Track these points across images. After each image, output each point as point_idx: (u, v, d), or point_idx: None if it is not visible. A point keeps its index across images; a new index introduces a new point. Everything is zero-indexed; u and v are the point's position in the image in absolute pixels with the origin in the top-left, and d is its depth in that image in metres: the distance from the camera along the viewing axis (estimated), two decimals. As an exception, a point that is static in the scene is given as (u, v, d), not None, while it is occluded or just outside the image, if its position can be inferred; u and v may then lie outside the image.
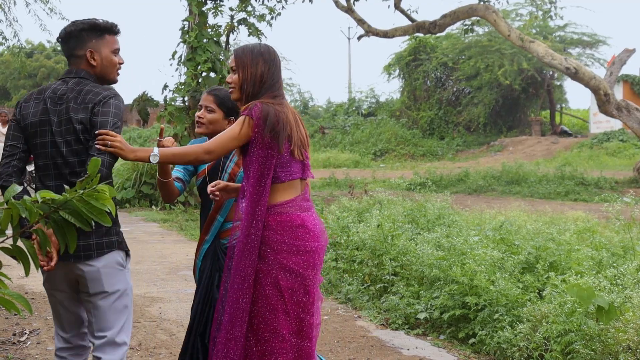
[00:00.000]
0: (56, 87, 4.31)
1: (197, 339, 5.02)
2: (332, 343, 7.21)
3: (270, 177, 4.27)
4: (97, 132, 4.00)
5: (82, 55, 4.33)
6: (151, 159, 4.06)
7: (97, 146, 3.94)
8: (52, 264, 3.88)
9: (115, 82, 4.53)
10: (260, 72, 4.38)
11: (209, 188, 4.60)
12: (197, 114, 5.17)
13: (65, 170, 4.18)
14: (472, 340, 6.96)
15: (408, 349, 7.01)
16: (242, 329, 4.23)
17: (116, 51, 4.45)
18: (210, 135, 5.08)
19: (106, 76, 4.43)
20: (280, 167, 4.30)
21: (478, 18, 26.57)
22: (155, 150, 4.09)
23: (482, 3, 24.57)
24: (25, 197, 3.00)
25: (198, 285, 5.19)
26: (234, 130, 4.23)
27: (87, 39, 4.34)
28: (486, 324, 6.91)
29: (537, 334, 6.25)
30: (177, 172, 5.14)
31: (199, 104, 5.21)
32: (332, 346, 7.11)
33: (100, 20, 4.39)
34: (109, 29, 4.42)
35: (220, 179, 4.93)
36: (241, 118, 4.24)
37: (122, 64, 4.51)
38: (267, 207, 4.29)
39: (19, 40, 22.12)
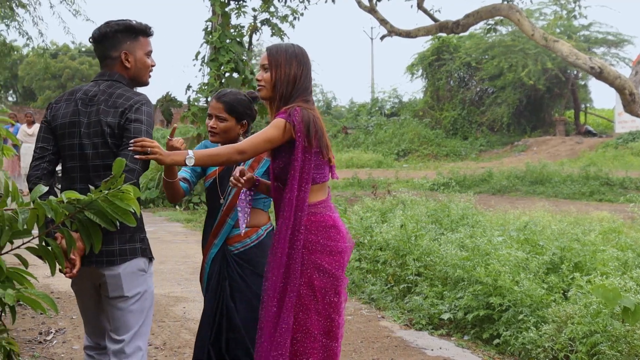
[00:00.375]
0: (88, 88, 4.28)
1: (210, 349, 4.97)
2: (356, 343, 7.20)
3: (310, 182, 4.27)
4: (134, 140, 3.94)
5: (117, 57, 4.30)
6: (187, 162, 4.01)
7: (137, 157, 3.90)
8: (75, 271, 3.83)
9: (147, 84, 4.50)
10: (293, 73, 4.35)
11: (236, 173, 4.51)
12: (210, 123, 5.04)
13: (90, 173, 4.14)
14: (496, 341, 6.94)
15: (432, 350, 7.00)
16: (289, 336, 4.25)
17: (149, 53, 4.42)
18: (224, 143, 4.92)
19: (139, 78, 4.41)
20: (316, 170, 4.30)
21: (501, 17, 26.43)
22: (190, 153, 4.04)
23: (505, 2, 24.46)
24: (51, 197, 3.01)
25: (206, 292, 5.14)
26: (271, 133, 4.19)
27: (121, 41, 4.30)
28: (510, 324, 6.89)
29: (562, 334, 6.22)
30: (184, 172, 5.03)
31: (208, 112, 5.09)
32: (356, 346, 7.11)
33: (135, 22, 4.36)
34: (143, 31, 4.39)
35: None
36: (280, 122, 4.20)
37: (154, 66, 4.49)
38: None
39: (44, 40, 22.27)
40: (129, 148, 3.91)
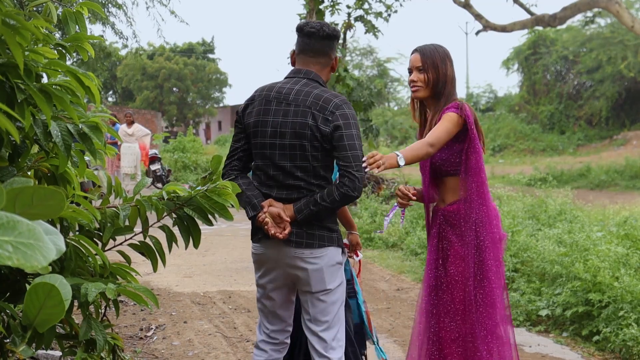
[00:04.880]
0: (281, 86, 4.29)
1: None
2: (453, 340, 7.17)
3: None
4: (367, 157, 3.94)
5: (332, 58, 4.41)
6: (399, 162, 4.07)
7: (367, 169, 3.96)
8: (286, 231, 4.05)
9: None
10: (450, 72, 4.55)
11: (403, 191, 4.63)
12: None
13: (280, 174, 4.19)
14: (596, 338, 6.83)
15: (530, 346, 6.93)
16: None
17: None
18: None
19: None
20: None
21: (600, 9, 25.97)
22: (399, 153, 4.10)
23: (603, -6, 24.03)
24: (153, 194, 3.09)
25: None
26: (450, 127, 4.33)
27: (336, 48, 4.45)
28: (611, 321, 6.78)
29: (665, 331, 6.10)
30: None
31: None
32: (453, 343, 7.08)
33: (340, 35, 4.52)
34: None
35: None
36: (455, 116, 4.35)
37: None
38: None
39: (137, 41, 22.71)
40: (363, 165, 3.96)
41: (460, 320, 4.44)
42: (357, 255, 5.34)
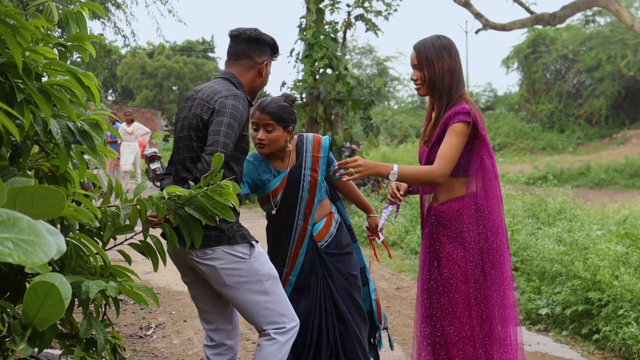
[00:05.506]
0: (202, 85, 4.35)
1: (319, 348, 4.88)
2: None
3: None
4: (338, 164, 4.07)
5: (258, 63, 4.36)
6: (390, 177, 4.09)
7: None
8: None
9: (254, 98, 4.53)
10: (447, 65, 4.37)
11: (392, 188, 4.59)
12: (257, 135, 4.75)
13: (179, 167, 4.20)
14: (595, 337, 6.83)
15: (530, 345, 6.93)
16: None
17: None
18: (272, 153, 4.84)
19: (256, 91, 4.45)
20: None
21: (600, 8, 25.96)
22: (395, 168, 4.10)
23: (603, -8, 24.02)
24: (154, 193, 3.09)
25: (298, 301, 4.90)
26: (461, 141, 4.24)
27: (268, 53, 4.40)
28: (610, 319, 6.78)
29: (664, 330, 6.11)
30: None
31: (253, 121, 4.77)
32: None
33: (276, 45, 4.45)
34: (275, 55, 4.50)
35: (301, 189, 4.87)
36: (462, 127, 4.24)
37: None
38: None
39: (135, 40, 22.74)
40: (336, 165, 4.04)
41: (459, 323, 4.40)
42: (379, 237, 5.32)
